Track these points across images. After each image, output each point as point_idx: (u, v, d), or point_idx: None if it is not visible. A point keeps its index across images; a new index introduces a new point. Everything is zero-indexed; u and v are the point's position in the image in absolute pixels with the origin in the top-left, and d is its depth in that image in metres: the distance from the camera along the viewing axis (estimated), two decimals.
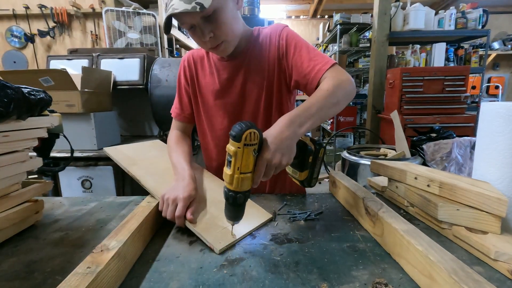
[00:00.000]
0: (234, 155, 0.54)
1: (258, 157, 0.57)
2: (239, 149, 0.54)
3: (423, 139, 2.00)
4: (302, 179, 0.71)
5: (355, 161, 1.84)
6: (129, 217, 0.63)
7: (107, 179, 1.77)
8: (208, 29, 0.77)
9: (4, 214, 0.65)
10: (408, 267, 0.52)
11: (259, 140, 0.56)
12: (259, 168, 0.57)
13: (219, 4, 0.74)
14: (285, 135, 0.61)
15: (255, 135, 0.55)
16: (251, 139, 0.54)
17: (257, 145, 0.56)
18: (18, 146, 0.68)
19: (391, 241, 0.57)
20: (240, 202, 0.57)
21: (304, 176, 0.71)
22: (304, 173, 0.70)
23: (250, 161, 0.55)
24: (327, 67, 0.78)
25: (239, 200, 0.57)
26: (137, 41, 2.77)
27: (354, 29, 4.11)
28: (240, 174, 0.55)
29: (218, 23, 0.77)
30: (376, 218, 0.63)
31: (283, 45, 0.87)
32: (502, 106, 0.62)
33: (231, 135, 0.54)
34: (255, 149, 0.56)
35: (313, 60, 0.82)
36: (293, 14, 7.78)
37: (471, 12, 3.22)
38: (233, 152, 0.54)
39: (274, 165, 0.59)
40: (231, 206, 0.59)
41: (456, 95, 2.65)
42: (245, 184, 0.56)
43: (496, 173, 0.63)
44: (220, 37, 0.80)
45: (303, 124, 0.65)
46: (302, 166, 0.69)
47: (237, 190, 0.56)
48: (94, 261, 0.46)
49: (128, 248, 0.54)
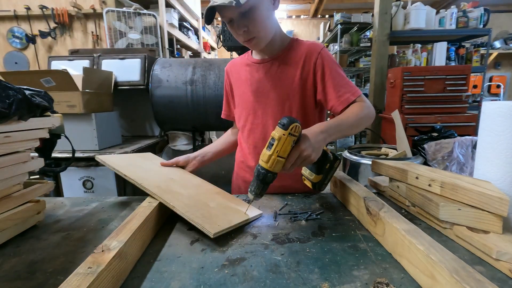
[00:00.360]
0: (278, 140, 0.64)
1: (294, 147, 0.68)
2: (284, 136, 0.64)
3: (424, 138, 2.00)
4: (315, 181, 0.80)
5: (356, 160, 1.84)
6: (130, 217, 0.63)
7: (109, 179, 1.78)
8: (243, 23, 0.86)
9: (6, 215, 0.65)
10: (409, 267, 0.52)
11: (299, 134, 0.67)
12: (293, 155, 0.67)
13: (255, 2, 0.83)
14: (319, 138, 0.73)
15: (299, 129, 0.66)
16: (296, 130, 0.65)
17: (297, 137, 0.67)
18: (19, 146, 0.68)
19: (392, 241, 0.57)
20: (268, 181, 0.67)
21: (317, 179, 0.80)
22: (319, 176, 0.79)
23: (288, 149, 0.66)
24: (354, 98, 0.91)
25: (268, 178, 0.67)
26: (138, 42, 2.77)
27: (354, 28, 4.11)
28: (277, 157, 0.65)
29: (253, 19, 0.85)
30: (377, 218, 0.63)
31: (320, 64, 0.94)
32: (503, 105, 0.61)
33: (280, 123, 0.65)
34: (294, 140, 0.66)
35: (344, 87, 0.92)
36: (293, 13, 7.78)
37: (472, 11, 3.21)
38: (278, 137, 0.64)
39: (303, 157, 0.69)
40: (260, 182, 0.68)
41: (457, 94, 2.65)
42: (277, 166, 0.66)
43: (498, 172, 0.63)
44: (252, 32, 0.88)
45: (332, 134, 0.78)
46: (319, 170, 0.79)
47: (270, 170, 0.66)
48: (95, 261, 0.46)
49: (129, 248, 0.54)
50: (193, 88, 2.05)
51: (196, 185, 0.90)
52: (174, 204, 0.70)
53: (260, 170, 0.67)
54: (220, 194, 0.86)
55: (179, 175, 0.96)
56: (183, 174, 0.99)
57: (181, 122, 2.18)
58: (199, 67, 2.12)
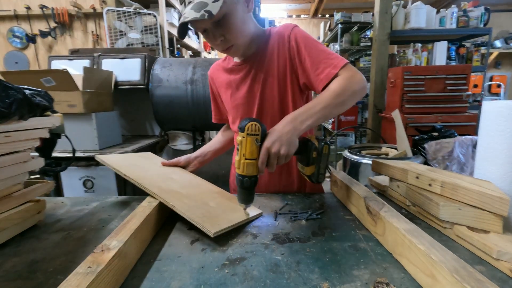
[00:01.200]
0: (240, 144, 0.65)
1: (260, 146, 0.66)
2: (243, 138, 0.64)
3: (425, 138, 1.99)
4: (309, 174, 0.76)
5: (356, 160, 1.84)
6: (130, 217, 0.63)
7: (109, 179, 1.78)
8: (219, 33, 0.82)
9: (7, 214, 0.65)
10: (409, 266, 0.52)
11: (262, 132, 0.66)
12: (261, 155, 0.66)
13: (228, 10, 0.79)
14: (286, 130, 0.69)
15: (256, 127, 0.65)
16: (253, 129, 0.64)
17: (259, 135, 0.65)
18: (20, 146, 0.68)
19: (393, 241, 0.57)
20: (246, 186, 0.66)
21: (310, 171, 0.75)
22: (310, 168, 0.75)
23: (253, 149, 0.65)
24: (336, 71, 0.80)
25: (246, 183, 0.66)
26: (138, 41, 2.77)
27: (355, 28, 4.10)
28: (245, 160, 0.65)
29: (228, 27, 0.82)
30: (378, 217, 0.63)
31: (294, 46, 0.88)
32: (504, 105, 0.61)
33: (238, 127, 0.65)
34: (257, 139, 0.65)
35: (323, 62, 0.82)
36: (293, 13, 7.77)
37: (473, 11, 3.21)
38: (239, 141, 0.65)
39: (275, 154, 0.66)
40: (240, 189, 0.68)
41: (457, 94, 2.64)
42: (250, 169, 0.65)
43: (498, 172, 0.63)
44: (230, 40, 0.84)
45: (304, 121, 0.72)
46: (307, 161, 0.75)
47: (243, 174, 0.65)
48: (95, 261, 0.46)
49: (129, 247, 0.54)
50: (193, 88, 2.05)
51: (196, 185, 0.90)
52: (174, 204, 0.70)
53: (237, 177, 0.67)
54: (220, 193, 0.86)
55: (179, 174, 0.96)
56: (183, 173, 0.99)
57: (181, 121, 2.18)
58: (199, 66, 2.12)
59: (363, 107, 4.82)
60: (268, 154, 0.66)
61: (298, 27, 0.90)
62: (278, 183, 1.02)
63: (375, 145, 2.13)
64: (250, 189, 0.68)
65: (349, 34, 4.14)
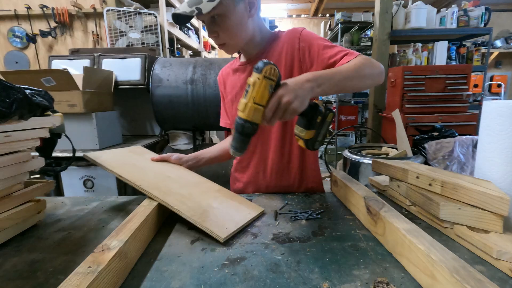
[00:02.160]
0: (252, 85, 0.59)
1: (273, 94, 0.61)
2: (258, 80, 0.58)
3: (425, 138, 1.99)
4: (307, 138, 0.71)
5: (356, 160, 1.84)
6: (130, 216, 0.63)
7: (109, 178, 1.78)
8: (213, 29, 0.86)
9: (7, 214, 0.65)
10: (409, 266, 0.52)
11: (277, 79, 0.61)
12: (272, 102, 0.60)
13: (223, 11, 0.82)
14: (305, 86, 0.64)
15: (275, 72, 0.60)
16: (271, 73, 0.59)
17: (275, 82, 0.60)
18: (20, 146, 0.69)
19: (393, 240, 0.57)
20: (247, 132, 0.60)
21: (309, 135, 0.71)
22: (311, 132, 0.71)
23: (265, 94, 0.60)
24: (353, 57, 0.80)
25: (247, 129, 0.60)
26: (138, 41, 2.77)
27: (355, 27, 4.10)
28: (253, 104, 0.59)
29: (222, 26, 0.85)
30: (378, 217, 0.63)
31: (305, 46, 0.89)
32: (504, 105, 0.61)
33: (254, 67, 0.59)
34: (272, 85, 0.60)
35: (339, 52, 0.84)
36: (294, 13, 7.77)
37: (473, 10, 3.20)
38: (253, 82, 0.59)
39: (284, 105, 0.61)
40: (238, 135, 0.62)
41: (458, 93, 2.64)
42: (256, 116, 0.60)
43: (499, 172, 0.63)
44: (223, 39, 0.87)
45: (321, 85, 0.68)
46: (310, 124, 0.70)
47: (247, 119, 0.59)
48: (95, 261, 0.46)
49: (129, 247, 0.54)
50: (193, 88, 2.05)
51: (195, 183, 0.89)
52: (179, 208, 0.69)
53: (238, 121, 0.60)
54: (220, 192, 0.86)
55: (175, 172, 0.94)
56: (178, 170, 0.96)
57: (181, 121, 2.18)
58: (200, 66, 2.12)
59: (363, 107, 4.81)
60: (278, 104, 0.61)
61: (306, 30, 0.92)
62: (280, 183, 1.02)
63: (375, 145, 2.13)
64: (248, 137, 0.62)
65: (349, 33, 4.14)
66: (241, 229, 0.69)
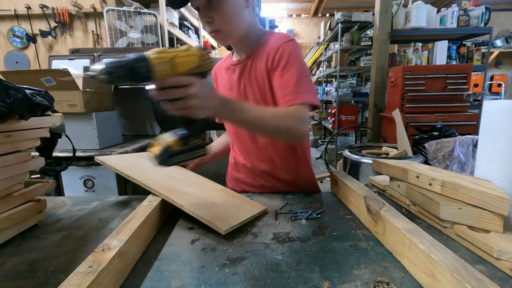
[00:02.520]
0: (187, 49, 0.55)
1: (189, 75, 0.56)
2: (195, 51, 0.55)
3: (425, 137, 1.99)
4: (169, 146, 0.61)
5: (356, 159, 1.84)
6: (130, 216, 0.63)
7: (109, 178, 1.78)
8: (208, 14, 0.81)
9: (7, 214, 0.65)
10: (410, 266, 0.52)
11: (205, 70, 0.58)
12: (181, 79, 0.54)
13: None
14: (213, 99, 0.61)
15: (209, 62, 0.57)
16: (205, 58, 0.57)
17: (200, 68, 0.57)
18: (20, 146, 0.69)
19: (393, 240, 0.57)
20: (138, 70, 0.50)
21: (175, 146, 0.61)
22: (178, 144, 0.61)
23: (186, 66, 0.55)
24: (296, 102, 0.79)
25: (141, 67, 0.50)
26: (138, 41, 2.77)
27: (355, 27, 4.10)
28: (171, 59, 0.53)
29: (218, 10, 0.81)
30: (378, 217, 0.63)
31: (277, 59, 0.85)
32: (504, 104, 0.61)
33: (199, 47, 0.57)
34: (196, 67, 0.56)
35: (292, 87, 0.81)
36: (294, 12, 7.76)
37: (474, 10, 3.20)
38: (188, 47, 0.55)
39: (187, 96, 0.55)
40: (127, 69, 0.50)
41: (458, 93, 2.64)
42: (161, 68, 0.52)
43: (499, 171, 0.63)
44: (217, 24, 0.83)
45: (233, 111, 0.66)
46: (184, 138, 0.62)
47: (151, 60, 0.51)
48: (96, 260, 0.46)
49: (129, 247, 0.54)
50: None
51: (199, 184, 0.90)
52: (182, 203, 0.70)
53: (141, 55, 0.51)
54: (223, 191, 0.87)
55: (180, 173, 0.96)
56: (184, 172, 0.99)
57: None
58: None
59: (363, 107, 4.82)
60: (183, 87, 0.54)
61: (293, 42, 0.87)
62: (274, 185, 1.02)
63: (375, 145, 2.13)
64: (135, 77, 0.50)
65: (349, 33, 4.14)
66: (243, 223, 0.69)
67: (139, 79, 0.51)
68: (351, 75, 5.33)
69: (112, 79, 0.49)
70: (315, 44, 7.16)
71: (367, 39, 4.04)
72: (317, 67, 6.89)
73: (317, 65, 6.94)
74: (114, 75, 0.48)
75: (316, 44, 7.12)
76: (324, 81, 5.91)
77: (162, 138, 0.62)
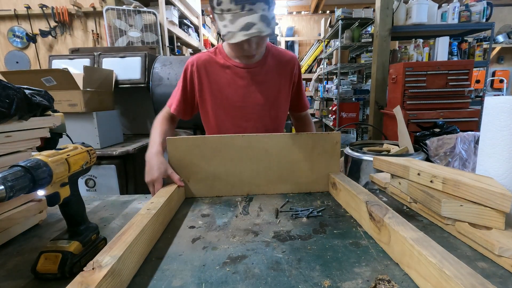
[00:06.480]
0: (74, 148, 0.59)
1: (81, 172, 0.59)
2: (84, 150, 0.60)
3: (427, 134, 1.98)
4: (71, 251, 0.53)
5: (357, 157, 1.82)
6: (126, 227, 0.57)
7: (111, 178, 1.78)
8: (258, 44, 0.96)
9: (9, 214, 0.65)
10: (419, 280, 0.47)
11: (92, 164, 0.63)
12: None
13: None
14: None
15: (95, 156, 0.64)
16: (92, 157, 0.62)
17: (89, 163, 0.61)
18: (21, 146, 0.69)
19: (399, 250, 0.53)
20: (40, 175, 0.46)
21: (76, 250, 0.54)
22: (77, 245, 0.55)
23: (78, 163, 0.57)
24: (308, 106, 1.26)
25: (42, 173, 0.47)
26: (138, 40, 2.76)
27: (356, 24, 4.07)
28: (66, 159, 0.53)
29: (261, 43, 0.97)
30: (382, 224, 0.59)
31: (297, 75, 1.16)
32: (506, 100, 0.61)
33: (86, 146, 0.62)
34: (85, 163, 0.59)
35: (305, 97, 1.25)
36: (294, 10, 7.73)
37: (475, 5, 3.17)
38: (75, 147, 0.59)
39: None
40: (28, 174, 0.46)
41: (460, 89, 2.62)
42: (59, 169, 0.51)
43: (501, 168, 0.63)
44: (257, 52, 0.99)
45: None
46: (74, 232, 0.57)
47: (49, 164, 0.49)
48: (84, 282, 0.41)
49: (123, 263, 0.48)
50: None
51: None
52: None
53: (38, 161, 0.48)
54: None
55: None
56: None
57: (181, 119, 2.18)
58: None
59: (364, 104, 4.80)
60: None
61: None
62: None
63: (376, 142, 2.12)
64: (37, 183, 0.47)
65: (350, 30, 4.11)
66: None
67: (41, 185, 0.47)
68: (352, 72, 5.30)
69: (12, 194, 0.42)
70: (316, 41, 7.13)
71: (368, 35, 4.01)
72: (318, 65, 6.87)
73: (318, 63, 6.91)
74: (16, 187, 0.42)
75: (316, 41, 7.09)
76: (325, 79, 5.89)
77: (58, 245, 0.54)
